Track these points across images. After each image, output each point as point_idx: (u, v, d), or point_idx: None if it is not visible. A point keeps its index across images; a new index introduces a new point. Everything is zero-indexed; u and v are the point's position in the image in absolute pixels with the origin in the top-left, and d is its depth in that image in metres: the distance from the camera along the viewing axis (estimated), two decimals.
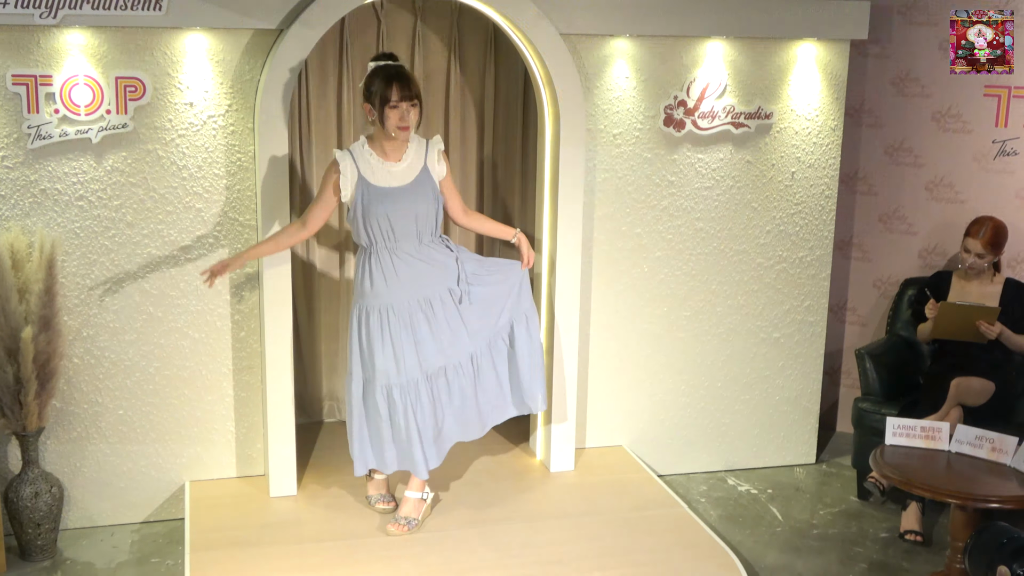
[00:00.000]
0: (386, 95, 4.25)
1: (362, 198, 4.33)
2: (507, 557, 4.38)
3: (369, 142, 4.40)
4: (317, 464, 5.19)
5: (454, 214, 4.60)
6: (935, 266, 5.70)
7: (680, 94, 5.16)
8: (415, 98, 4.29)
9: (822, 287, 5.59)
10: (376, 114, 4.30)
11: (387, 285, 4.38)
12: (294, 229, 4.47)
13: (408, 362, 4.41)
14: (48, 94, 4.43)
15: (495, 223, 4.80)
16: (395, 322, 4.40)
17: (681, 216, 5.31)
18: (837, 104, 5.39)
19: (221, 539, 4.46)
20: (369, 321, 4.42)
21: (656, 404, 5.48)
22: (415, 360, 4.43)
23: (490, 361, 4.65)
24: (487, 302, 4.59)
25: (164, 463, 4.91)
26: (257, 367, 4.92)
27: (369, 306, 4.42)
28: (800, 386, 5.66)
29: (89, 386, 4.75)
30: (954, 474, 4.33)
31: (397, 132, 4.29)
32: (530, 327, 4.71)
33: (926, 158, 5.70)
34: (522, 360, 4.71)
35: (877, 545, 4.88)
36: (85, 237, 4.63)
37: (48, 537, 4.60)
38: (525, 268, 4.70)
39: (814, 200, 5.47)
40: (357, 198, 4.34)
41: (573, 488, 5.04)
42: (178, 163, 4.66)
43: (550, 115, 4.99)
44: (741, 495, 5.37)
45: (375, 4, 5.27)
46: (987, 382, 4.92)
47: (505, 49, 5.45)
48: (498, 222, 4.85)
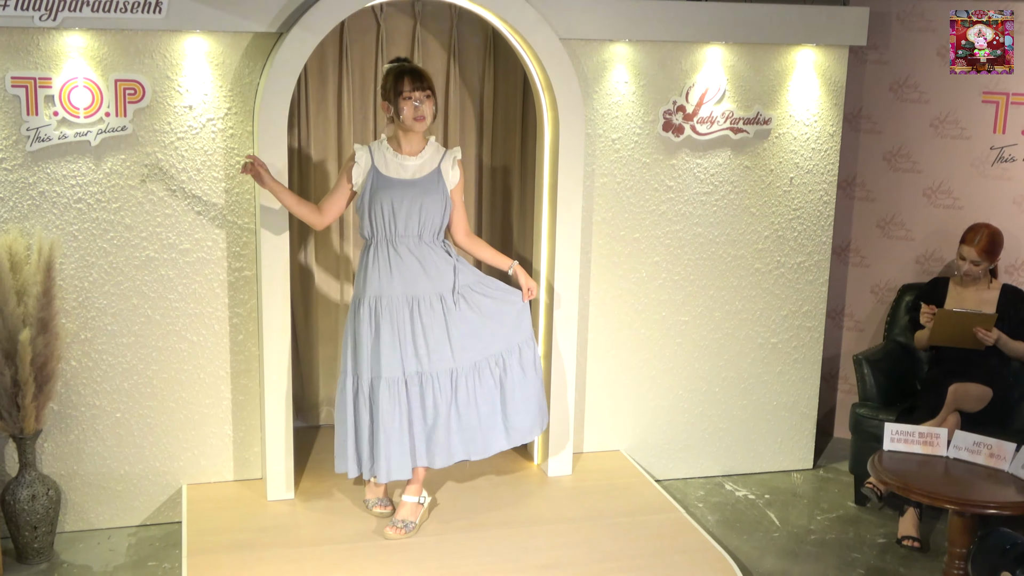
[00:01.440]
0: (399, 87, 4.35)
1: (371, 185, 4.42)
2: (504, 561, 4.37)
3: (388, 140, 4.50)
4: (314, 468, 5.19)
5: (456, 231, 4.61)
6: (933, 272, 5.71)
7: (679, 99, 5.17)
8: (428, 90, 4.38)
9: (820, 293, 5.59)
10: (392, 109, 4.39)
11: (379, 277, 4.42)
12: (312, 210, 4.51)
13: (387, 359, 4.41)
14: (47, 96, 4.43)
15: (494, 251, 4.74)
16: (383, 315, 4.42)
17: (679, 221, 5.31)
18: (835, 110, 5.40)
19: (218, 543, 4.46)
20: (359, 311, 4.46)
21: (654, 409, 5.49)
22: (395, 357, 4.42)
23: (473, 388, 4.56)
24: (478, 321, 4.55)
25: (161, 466, 4.90)
26: (255, 370, 4.92)
27: (361, 296, 4.46)
28: (798, 391, 5.66)
29: (87, 389, 4.75)
30: (952, 480, 4.33)
31: (413, 124, 4.37)
32: (523, 360, 4.65)
33: (924, 164, 5.71)
34: (511, 394, 4.64)
35: (874, 551, 4.88)
36: (83, 239, 4.62)
37: (45, 540, 4.59)
38: (526, 299, 4.68)
39: (812, 206, 5.48)
40: (366, 185, 4.43)
41: (570, 493, 5.04)
42: (177, 166, 4.66)
43: (549, 119, 4.99)
44: (738, 500, 5.37)
45: (375, 8, 5.28)
46: (985, 388, 4.93)
47: (504, 53, 5.45)
48: (497, 251, 4.78)
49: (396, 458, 4.48)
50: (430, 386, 4.49)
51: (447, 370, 4.51)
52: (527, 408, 4.70)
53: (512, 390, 4.65)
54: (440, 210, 4.46)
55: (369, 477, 4.63)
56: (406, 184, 4.42)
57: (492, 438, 4.66)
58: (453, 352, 4.51)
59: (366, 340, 4.45)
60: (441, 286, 4.49)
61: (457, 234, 4.62)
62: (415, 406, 4.48)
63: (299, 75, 4.63)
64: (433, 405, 4.50)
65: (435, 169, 4.47)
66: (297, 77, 4.57)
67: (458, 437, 4.58)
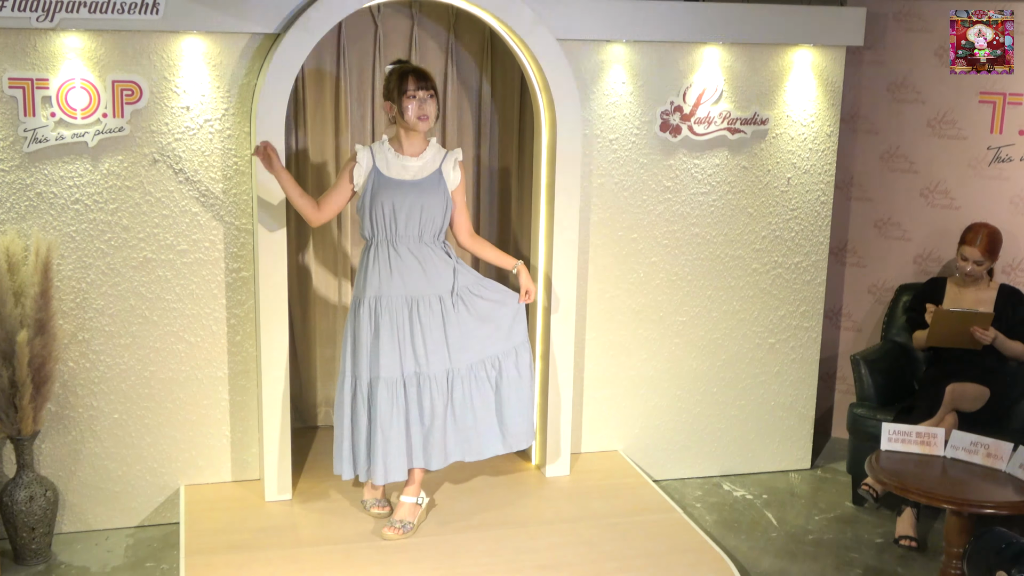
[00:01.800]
0: (404, 86, 4.37)
1: (372, 186, 4.43)
2: (502, 562, 4.37)
3: (390, 141, 4.51)
4: (312, 469, 5.18)
5: (459, 232, 4.61)
6: (930, 272, 5.71)
7: (676, 99, 5.17)
8: (431, 89, 4.41)
9: (817, 293, 5.60)
10: (396, 108, 4.41)
11: (379, 277, 4.43)
12: (311, 204, 4.48)
13: (386, 359, 4.42)
14: (45, 97, 4.43)
15: (499, 252, 4.76)
16: (383, 316, 4.43)
17: (677, 221, 5.31)
18: (833, 110, 5.41)
19: (216, 543, 4.46)
20: (359, 312, 4.46)
21: (651, 409, 5.49)
22: (394, 358, 4.43)
23: (468, 390, 4.57)
24: (475, 323, 4.56)
25: (159, 467, 4.90)
26: (253, 371, 4.92)
27: (360, 296, 4.47)
28: (795, 391, 5.67)
29: (84, 390, 4.74)
30: (949, 480, 4.33)
31: (417, 123, 4.39)
32: (520, 363, 4.66)
33: (921, 164, 5.72)
34: (507, 397, 4.65)
35: (872, 551, 4.88)
36: (81, 240, 4.62)
37: (42, 541, 4.59)
38: (523, 301, 4.68)
39: (809, 206, 5.49)
40: (367, 186, 4.44)
41: (568, 493, 5.04)
42: (175, 167, 4.66)
43: (546, 120, 4.99)
44: (736, 500, 5.37)
45: (372, 9, 5.28)
46: (982, 388, 4.94)
47: (502, 54, 5.45)
48: (502, 251, 4.79)
49: (393, 459, 4.48)
50: (428, 387, 4.49)
51: (444, 371, 4.52)
52: (522, 412, 4.70)
53: (508, 393, 4.65)
54: (441, 211, 4.47)
55: (366, 479, 4.63)
56: (407, 185, 4.43)
57: (488, 440, 4.66)
58: (450, 353, 4.51)
59: (365, 340, 4.45)
60: (440, 287, 4.49)
61: (460, 235, 4.62)
62: (413, 407, 4.48)
63: (297, 76, 4.63)
64: (430, 406, 4.51)
65: (436, 170, 4.47)
66: (295, 78, 4.57)
67: (454, 438, 4.58)
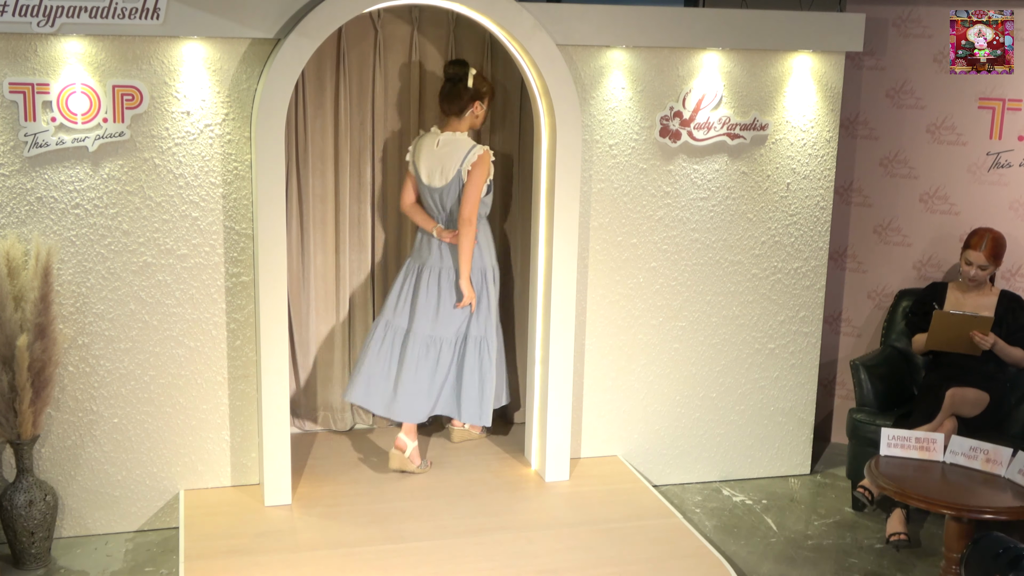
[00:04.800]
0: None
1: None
2: (502, 567, 4.37)
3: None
4: (312, 473, 5.19)
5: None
6: (930, 277, 5.72)
7: (676, 105, 5.18)
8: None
9: (817, 298, 5.60)
10: (482, 109, 5.11)
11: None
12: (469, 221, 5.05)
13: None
14: (45, 102, 4.43)
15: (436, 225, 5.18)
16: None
17: (676, 227, 5.32)
18: (832, 116, 5.41)
19: (216, 548, 4.46)
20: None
21: (651, 414, 5.49)
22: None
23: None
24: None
25: (159, 471, 4.90)
26: (252, 376, 4.92)
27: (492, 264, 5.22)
28: (795, 397, 5.67)
29: (84, 394, 4.75)
30: (948, 485, 4.33)
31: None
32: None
33: (921, 170, 5.72)
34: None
35: (871, 556, 4.88)
36: (81, 245, 4.63)
37: (42, 545, 4.59)
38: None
39: (809, 211, 5.49)
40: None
41: (568, 498, 5.04)
42: (175, 171, 4.67)
43: (546, 125, 5.00)
44: (736, 505, 5.37)
45: (372, 14, 5.29)
46: (981, 393, 4.94)
47: (502, 59, 5.46)
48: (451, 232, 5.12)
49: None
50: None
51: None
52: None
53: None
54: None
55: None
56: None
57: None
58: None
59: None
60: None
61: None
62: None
63: (297, 81, 4.64)
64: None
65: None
66: (295, 83, 4.58)
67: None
